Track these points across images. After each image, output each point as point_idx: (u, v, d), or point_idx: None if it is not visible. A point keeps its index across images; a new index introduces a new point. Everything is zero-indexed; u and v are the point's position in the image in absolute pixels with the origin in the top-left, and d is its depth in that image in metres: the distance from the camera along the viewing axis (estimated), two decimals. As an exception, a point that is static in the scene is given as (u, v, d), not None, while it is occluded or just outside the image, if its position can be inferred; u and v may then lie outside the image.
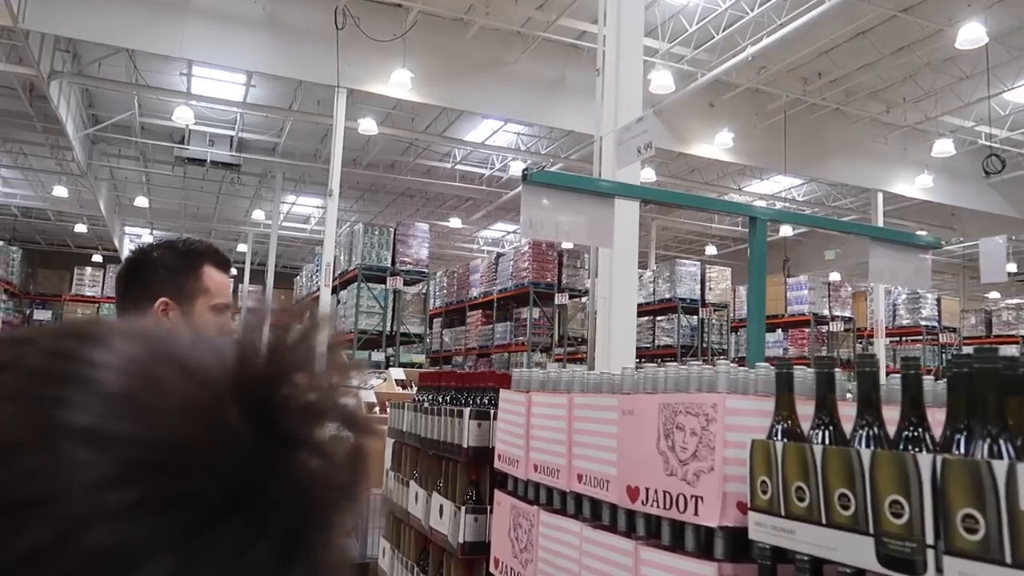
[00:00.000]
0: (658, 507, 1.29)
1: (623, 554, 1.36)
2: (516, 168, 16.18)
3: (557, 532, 1.63)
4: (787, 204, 19.51)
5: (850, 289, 18.67)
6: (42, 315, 20.62)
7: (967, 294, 25.17)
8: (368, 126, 12.97)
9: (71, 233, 22.89)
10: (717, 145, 13.85)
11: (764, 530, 1.05)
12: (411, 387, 6.67)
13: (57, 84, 11.61)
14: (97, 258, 23.66)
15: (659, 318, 16.58)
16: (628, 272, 3.67)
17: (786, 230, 20.22)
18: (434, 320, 17.79)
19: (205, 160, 15.25)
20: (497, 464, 2.02)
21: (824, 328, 17.38)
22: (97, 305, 20.04)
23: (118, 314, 1.68)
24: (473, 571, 2.16)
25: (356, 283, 12.82)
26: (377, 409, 5.26)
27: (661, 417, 1.29)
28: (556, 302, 15.29)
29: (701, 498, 1.19)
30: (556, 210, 2.47)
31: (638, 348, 11.31)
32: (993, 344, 17.23)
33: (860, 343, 18.64)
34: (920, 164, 15.17)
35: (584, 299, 16.18)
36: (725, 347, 18.37)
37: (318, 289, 13.67)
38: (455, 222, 20.65)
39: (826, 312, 17.38)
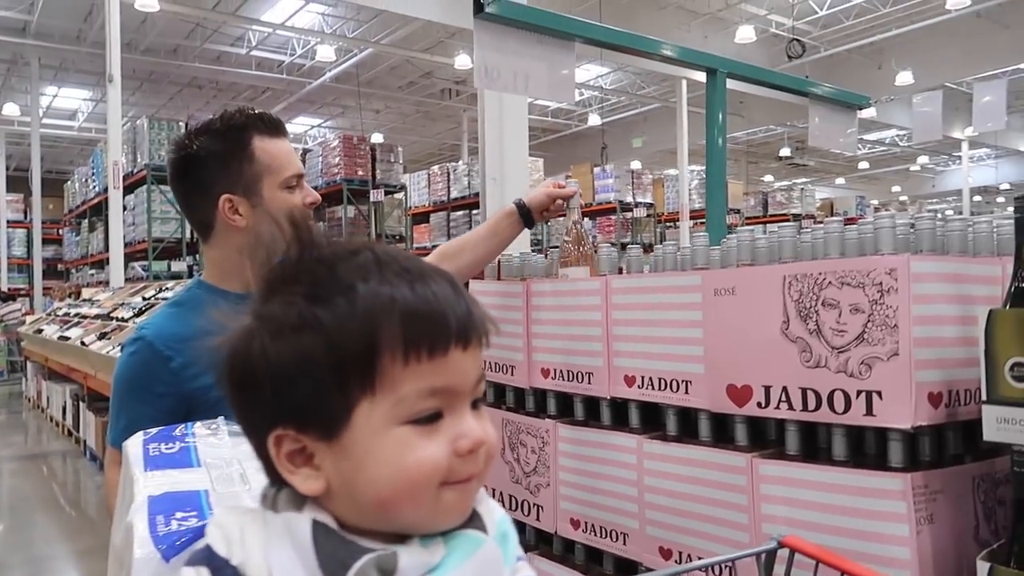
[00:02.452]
0: (793, 408, 1.00)
1: (729, 471, 1.07)
2: (321, 53, 14.84)
3: (593, 449, 1.32)
4: (595, 92, 19.80)
5: (651, 176, 19.56)
6: None
7: (748, 178, 27.41)
8: (146, 1, 11.15)
9: None
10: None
11: (1018, 428, 0.80)
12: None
13: None
14: None
15: (475, 212, 16.44)
16: (520, 149, 3.32)
17: (595, 119, 20.61)
18: (238, 224, 16.43)
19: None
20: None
21: (629, 215, 18.17)
22: None
23: (189, 221, 1.44)
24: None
25: (145, 186, 11.31)
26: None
27: (790, 293, 0.99)
28: (371, 199, 14.56)
29: (877, 393, 0.91)
30: (514, 55, 2.02)
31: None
32: (769, 222, 19.05)
33: (660, 227, 19.71)
34: (719, 51, 15.82)
35: (399, 195, 15.56)
36: (540, 237, 18.72)
37: (99, 193, 12.00)
38: (252, 116, 18.85)
39: (630, 199, 18.11)
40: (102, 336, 7.12)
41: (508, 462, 1.50)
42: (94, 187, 12.97)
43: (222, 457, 0.81)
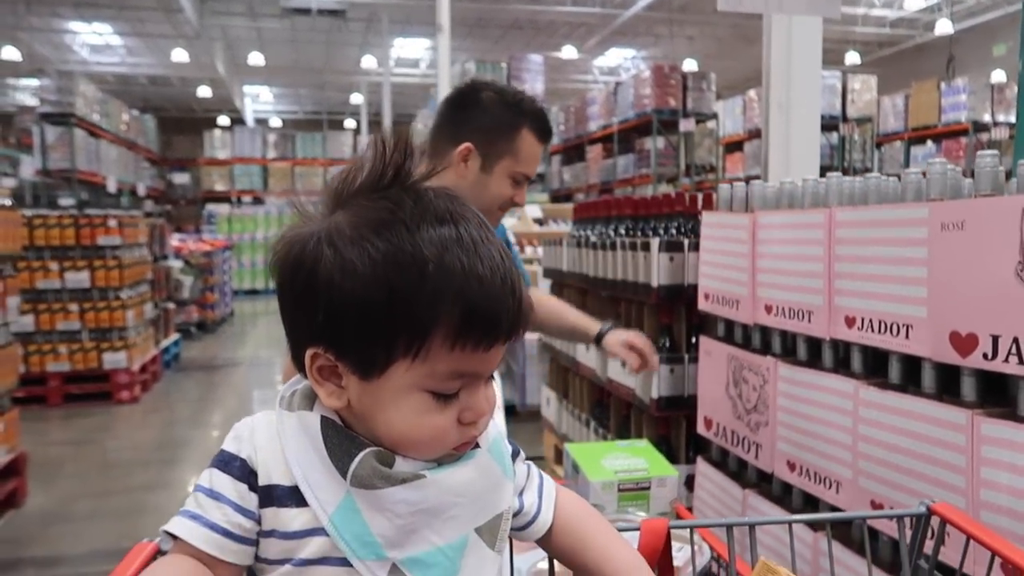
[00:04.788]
0: (1023, 363, 0.86)
1: (948, 428, 0.95)
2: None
3: (811, 391, 1.24)
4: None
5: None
6: (181, 179, 21.63)
7: None
8: (472, -51, 11.97)
9: (196, 98, 23.38)
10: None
11: None
12: (550, 224, 6.36)
13: (156, -61, 11.24)
14: (223, 120, 24.22)
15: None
16: (811, 70, 3.04)
17: (944, 26, 17.75)
18: (552, 158, 17.23)
19: (310, 9, 14.79)
20: (703, 306, 1.63)
21: (985, 136, 15.52)
22: (230, 167, 20.80)
23: (431, 138, 1.59)
24: (671, 429, 1.84)
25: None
26: (516, 248, 5.01)
27: (1028, 229, 0.84)
28: (681, 129, 14.27)
29: None
30: (765, -31, 1.91)
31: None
32: None
33: (1028, 151, 16.52)
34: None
35: (711, 124, 15.03)
36: (868, 165, 16.90)
37: (435, 133, 13.33)
38: (569, 51, 19.41)
39: (987, 118, 15.45)
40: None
41: (731, 397, 1.47)
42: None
43: None
